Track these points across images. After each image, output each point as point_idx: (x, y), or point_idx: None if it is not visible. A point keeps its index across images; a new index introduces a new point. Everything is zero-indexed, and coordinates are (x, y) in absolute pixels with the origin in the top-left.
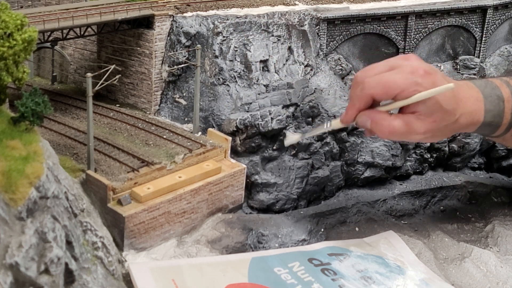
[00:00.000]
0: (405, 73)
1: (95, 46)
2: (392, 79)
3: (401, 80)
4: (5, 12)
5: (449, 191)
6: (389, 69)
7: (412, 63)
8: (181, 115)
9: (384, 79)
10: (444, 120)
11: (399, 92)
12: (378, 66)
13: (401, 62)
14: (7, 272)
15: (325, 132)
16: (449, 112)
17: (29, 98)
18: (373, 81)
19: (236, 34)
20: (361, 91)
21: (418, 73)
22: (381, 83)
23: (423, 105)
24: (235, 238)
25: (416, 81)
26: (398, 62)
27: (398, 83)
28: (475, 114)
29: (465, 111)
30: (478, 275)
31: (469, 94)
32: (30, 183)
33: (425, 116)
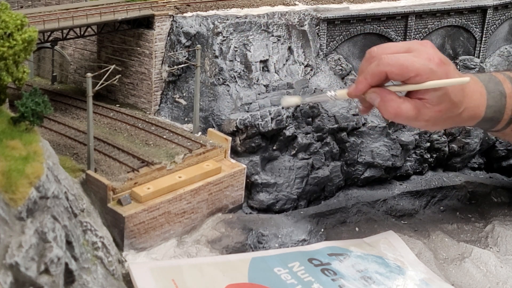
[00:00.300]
0: (423, 58)
1: (95, 46)
2: (410, 61)
3: (418, 65)
4: (5, 12)
5: (449, 191)
6: (406, 50)
7: (428, 50)
8: (181, 115)
9: (402, 60)
10: (449, 111)
11: (413, 76)
12: (396, 46)
13: (418, 46)
14: (7, 272)
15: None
16: (456, 104)
17: (29, 98)
18: (390, 59)
19: (236, 34)
20: (376, 67)
21: (434, 61)
22: (399, 62)
23: (433, 93)
24: (235, 238)
25: (432, 68)
26: (415, 46)
27: (416, 66)
28: (477, 108)
29: (469, 105)
30: (478, 275)
31: (475, 88)
32: (30, 183)
33: (432, 104)
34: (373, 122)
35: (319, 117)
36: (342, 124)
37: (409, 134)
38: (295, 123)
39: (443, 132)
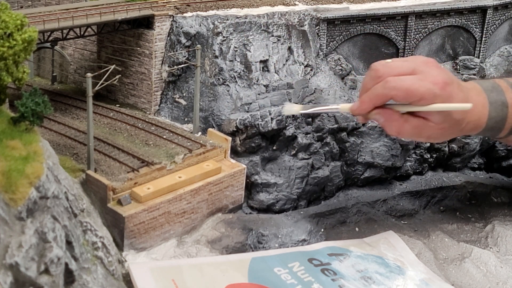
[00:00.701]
0: (428, 81)
1: (95, 46)
2: (415, 86)
3: (423, 89)
4: (5, 12)
5: (449, 191)
6: (411, 72)
7: (433, 72)
8: (181, 115)
9: (407, 84)
10: (452, 129)
11: (418, 100)
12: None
13: (423, 68)
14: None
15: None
16: (459, 121)
17: (29, 98)
18: (396, 83)
19: (236, 34)
20: (382, 90)
21: (439, 85)
22: (405, 87)
23: (436, 115)
24: (235, 238)
25: (436, 93)
26: (421, 67)
27: (420, 91)
28: (479, 121)
29: (471, 119)
30: (478, 275)
31: (477, 100)
32: (30, 183)
33: (435, 124)
34: (373, 122)
35: (319, 117)
36: (342, 124)
37: None
38: (295, 123)
39: None
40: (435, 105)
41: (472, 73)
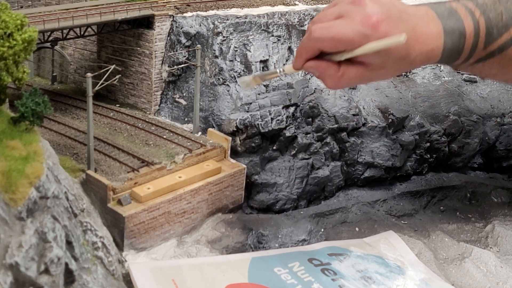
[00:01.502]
0: (355, 22)
1: (95, 46)
2: (340, 31)
3: (349, 32)
4: (5, 12)
5: (449, 191)
6: (337, 16)
7: (364, 10)
8: (181, 115)
9: (332, 32)
10: (397, 67)
11: (348, 46)
12: (326, 14)
13: (352, 7)
14: (7, 272)
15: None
16: (403, 57)
17: (29, 98)
18: (320, 33)
19: (236, 34)
20: (308, 41)
21: (369, 23)
22: (329, 36)
23: (372, 57)
24: (235, 238)
25: (366, 33)
26: (349, 8)
27: (348, 36)
28: (433, 52)
29: (422, 51)
30: (478, 275)
31: (429, 30)
32: (30, 183)
33: (378, 67)
34: (373, 122)
35: (319, 117)
36: (342, 124)
37: (409, 134)
38: (295, 123)
39: (443, 132)
40: (365, 47)
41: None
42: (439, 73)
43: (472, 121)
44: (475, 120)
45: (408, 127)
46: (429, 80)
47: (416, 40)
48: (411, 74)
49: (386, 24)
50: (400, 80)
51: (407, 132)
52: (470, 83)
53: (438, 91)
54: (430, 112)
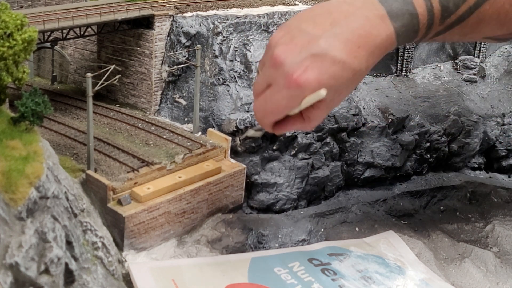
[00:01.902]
0: (281, 89)
1: (95, 46)
2: (274, 104)
3: (282, 101)
4: (5, 12)
5: (449, 191)
6: (267, 85)
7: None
8: (181, 115)
9: (269, 108)
10: (356, 82)
11: (287, 110)
12: (259, 84)
13: (272, 72)
14: (7, 272)
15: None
16: (354, 73)
17: (29, 98)
18: (261, 113)
19: (236, 34)
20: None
21: (292, 84)
22: (268, 112)
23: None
24: (235, 238)
25: (294, 94)
26: (270, 73)
27: (281, 105)
28: (384, 43)
29: (370, 50)
30: (478, 275)
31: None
32: (30, 183)
33: (336, 95)
34: (373, 122)
35: None
36: (342, 124)
37: (409, 134)
38: None
39: (443, 132)
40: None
41: (472, 73)
42: (439, 73)
43: (472, 121)
44: (475, 120)
45: (408, 127)
46: (429, 80)
47: (358, 48)
48: (411, 74)
49: (311, 70)
50: (400, 80)
51: (407, 132)
52: (470, 83)
53: (438, 91)
54: (430, 112)
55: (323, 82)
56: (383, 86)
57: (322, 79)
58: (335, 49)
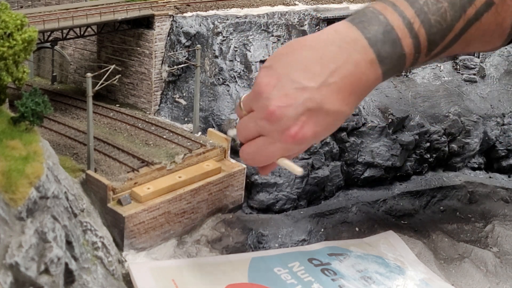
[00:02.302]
0: (276, 141)
1: (95, 46)
2: (269, 154)
3: (276, 152)
4: (5, 12)
5: (449, 191)
6: (258, 133)
7: (280, 125)
8: (181, 115)
9: (263, 157)
10: (339, 122)
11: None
12: (247, 127)
13: (267, 125)
14: (7, 272)
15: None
16: (341, 122)
17: (29, 98)
18: (249, 158)
19: (236, 34)
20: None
21: (289, 139)
22: (258, 161)
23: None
24: (235, 238)
25: (288, 148)
26: (264, 125)
27: (275, 155)
28: (373, 83)
29: (358, 103)
30: (478, 275)
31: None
32: (30, 183)
33: (322, 137)
34: (373, 122)
35: None
36: (342, 124)
37: (409, 134)
38: None
39: (443, 132)
40: (279, 161)
41: (472, 73)
42: (439, 73)
43: (472, 121)
44: (475, 120)
45: (408, 127)
46: (429, 80)
47: (349, 95)
48: (411, 74)
49: (307, 126)
50: (400, 80)
51: (407, 132)
52: (470, 83)
53: (438, 91)
54: (430, 112)
55: (318, 133)
56: (383, 86)
57: (317, 131)
58: (329, 102)
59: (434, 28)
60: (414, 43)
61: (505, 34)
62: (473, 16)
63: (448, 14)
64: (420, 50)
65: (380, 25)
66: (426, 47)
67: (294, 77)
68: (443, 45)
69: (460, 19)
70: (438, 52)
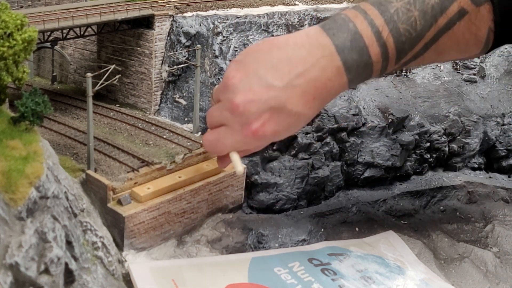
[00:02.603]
0: (236, 133)
1: (95, 46)
2: (226, 145)
3: (234, 143)
4: (5, 12)
5: (449, 191)
6: (221, 123)
7: (242, 119)
8: (181, 115)
9: (220, 147)
10: (303, 123)
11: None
12: (213, 116)
13: (229, 116)
14: (7, 272)
15: None
16: (302, 125)
17: (29, 98)
18: (209, 145)
19: (236, 34)
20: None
21: (249, 134)
22: (218, 150)
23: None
24: (235, 238)
25: (246, 141)
26: (227, 116)
27: (232, 147)
28: (338, 89)
29: (321, 108)
30: (478, 275)
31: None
32: (30, 183)
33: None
34: (373, 122)
35: (319, 117)
36: (342, 124)
37: (409, 134)
38: None
39: (443, 132)
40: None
41: (472, 73)
42: (439, 73)
43: (472, 121)
44: (475, 120)
45: (408, 127)
46: (429, 80)
47: (313, 99)
48: (411, 74)
49: (268, 124)
50: (400, 80)
51: (407, 132)
52: (470, 83)
53: (438, 91)
54: (430, 112)
55: (278, 133)
56: (383, 86)
57: (277, 130)
58: (292, 103)
59: (403, 37)
60: (382, 51)
61: (481, 42)
62: (444, 25)
63: (418, 23)
64: (388, 58)
65: (348, 33)
66: (395, 55)
67: (261, 74)
68: (413, 54)
69: (431, 28)
70: (407, 60)
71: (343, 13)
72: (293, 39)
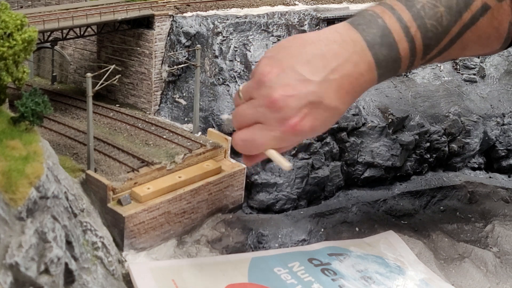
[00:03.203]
0: (274, 130)
1: (95, 46)
2: (264, 143)
3: (271, 141)
4: (5, 12)
5: (449, 191)
6: (255, 120)
7: (280, 115)
8: (181, 115)
9: (256, 145)
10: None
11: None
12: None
13: (267, 113)
14: (7, 272)
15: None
16: (336, 120)
17: (29, 98)
18: (244, 145)
19: (236, 34)
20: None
21: (289, 130)
22: (252, 148)
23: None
24: (235, 238)
25: (285, 138)
26: (264, 112)
27: (269, 145)
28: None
29: (352, 102)
30: (478, 275)
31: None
32: (30, 183)
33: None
34: (373, 122)
35: None
36: (342, 124)
37: (409, 134)
38: None
39: (443, 132)
40: (268, 152)
41: (472, 73)
42: (439, 73)
43: (472, 121)
44: (475, 120)
45: (408, 127)
46: (429, 80)
47: (346, 93)
48: (411, 74)
49: (307, 118)
50: (400, 80)
51: (407, 132)
52: (470, 83)
53: (438, 91)
54: (430, 112)
55: (315, 128)
56: (383, 86)
57: (315, 125)
58: (329, 97)
59: (430, 33)
60: (410, 47)
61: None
62: (469, 20)
63: (444, 19)
64: (415, 53)
65: (378, 28)
66: (422, 50)
67: (297, 69)
68: (439, 49)
69: (456, 23)
70: (433, 55)
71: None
72: (324, 34)
